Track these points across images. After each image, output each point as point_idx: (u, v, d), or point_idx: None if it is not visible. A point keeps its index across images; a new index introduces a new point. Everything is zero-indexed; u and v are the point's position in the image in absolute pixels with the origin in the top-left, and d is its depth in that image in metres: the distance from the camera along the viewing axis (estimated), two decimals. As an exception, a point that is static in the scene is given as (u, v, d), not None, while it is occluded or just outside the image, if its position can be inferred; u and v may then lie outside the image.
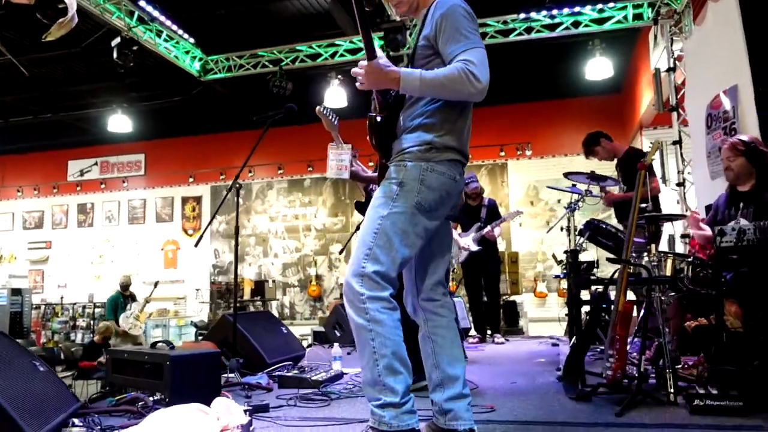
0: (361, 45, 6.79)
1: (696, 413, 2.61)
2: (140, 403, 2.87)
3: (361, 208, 3.78)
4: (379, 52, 2.06)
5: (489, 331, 6.34)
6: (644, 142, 9.40)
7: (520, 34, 7.27)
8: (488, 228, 6.12)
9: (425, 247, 2.19)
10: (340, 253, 6.36)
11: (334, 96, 9.18)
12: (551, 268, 10.91)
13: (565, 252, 4.15)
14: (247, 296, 11.50)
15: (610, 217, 5.80)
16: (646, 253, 3.35)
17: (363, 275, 2.05)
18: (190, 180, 13.07)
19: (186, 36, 7.69)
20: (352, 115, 10.79)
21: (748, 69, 4.92)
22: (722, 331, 2.89)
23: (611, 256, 4.08)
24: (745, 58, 4.92)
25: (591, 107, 10.78)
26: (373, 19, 7.16)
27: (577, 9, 7.00)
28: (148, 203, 13.62)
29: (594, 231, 3.48)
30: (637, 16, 7.01)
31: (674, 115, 6.68)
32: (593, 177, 3.63)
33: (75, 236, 13.88)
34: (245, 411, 2.47)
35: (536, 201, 11.28)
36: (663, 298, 3.09)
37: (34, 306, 11.08)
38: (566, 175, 3.92)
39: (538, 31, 7.24)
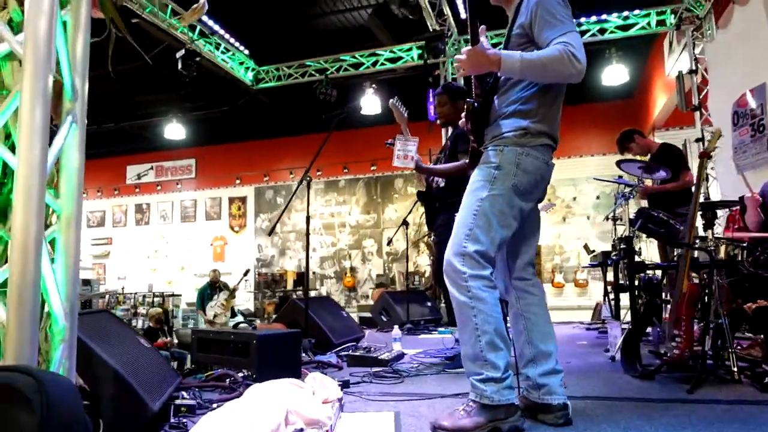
0: (401, 54, 6.69)
1: (766, 390, 2.45)
2: (229, 379, 2.79)
3: (423, 197, 3.65)
4: (482, 38, 1.93)
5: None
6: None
7: (593, 34, 7.04)
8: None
9: (518, 228, 2.06)
10: (388, 244, 6.24)
11: (369, 103, 9.06)
12: (568, 261, 10.78)
13: (618, 239, 3.98)
14: (290, 286, 11.47)
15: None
16: (698, 240, 3.19)
17: (464, 254, 1.93)
18: (237, 182, 13.08)
19: (242, 48, 7.63)
20: (386, 122, 10.74)
21: (777, 67, 4.72)
22: (784, 312, 2.73)
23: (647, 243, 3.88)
24: (774, 57, 4.73)
25: (605, 112, 10.60)
26: (414, 31, 7.05)
27: (603, 16, 6.79)
28: (198, 203, 13.66)
29: (646, 219, 3.32)
30: (660, 23, 6.79)
31: (697, 114, 6.46)
32: (646, 168, 3.45)
33: (133, 233, 13.99)
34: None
35: (554, 198, 11.10)
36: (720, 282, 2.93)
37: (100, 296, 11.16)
38: (619, 164, 3.74)
39: (611, 32, 6.99)
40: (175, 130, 10.86)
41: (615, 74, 8.27)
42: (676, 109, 8.43)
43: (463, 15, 6.56)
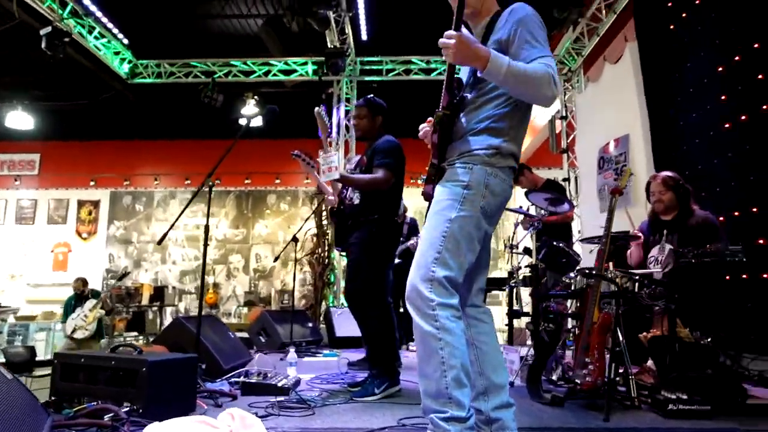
0: (295, 67, 6.33)
1: (670, 417, 2.53)
2: (109, 415, 2.24)
3: (336, 214, 3.38)
4: (465, 30, 1.75)
5: (406, 341, 6.08)
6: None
7: (440, 74, 7.25)
8: (412, 241, 5.97)
9: None
10: (275, 261, 5.76)
11: (250, 115, 8.56)
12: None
13: (526, 266, 4.03)
14: (145, 301, 10.32)
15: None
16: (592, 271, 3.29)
17: (433, 280, 1.71)
18: (91, 184, 11.60)
19: (120, 36, 6.74)
20: (267, 136, 10.25)
21: (640, 121, 5.21)
22: (676, 342, 2.88)
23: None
24: (638, 112, 5.21)
25: None
26: (307, 46, 6.78)
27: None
28: (39, 204, 11.87)
29: (549, 249, 3.38)
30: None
31: (564, 156, 6.96)
32: (552, 200, 3.54)
33: (-50, 233, 11.73)
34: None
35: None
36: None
37: None
38: (527, 195, 3.81)
39: (457, 73, 7.27)
40: (19, 119, 9.33)
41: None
42: (537, 151, 9.10)
43: (364, 36, 6.46)
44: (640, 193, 5.10)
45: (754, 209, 3.61)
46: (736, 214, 3.73)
